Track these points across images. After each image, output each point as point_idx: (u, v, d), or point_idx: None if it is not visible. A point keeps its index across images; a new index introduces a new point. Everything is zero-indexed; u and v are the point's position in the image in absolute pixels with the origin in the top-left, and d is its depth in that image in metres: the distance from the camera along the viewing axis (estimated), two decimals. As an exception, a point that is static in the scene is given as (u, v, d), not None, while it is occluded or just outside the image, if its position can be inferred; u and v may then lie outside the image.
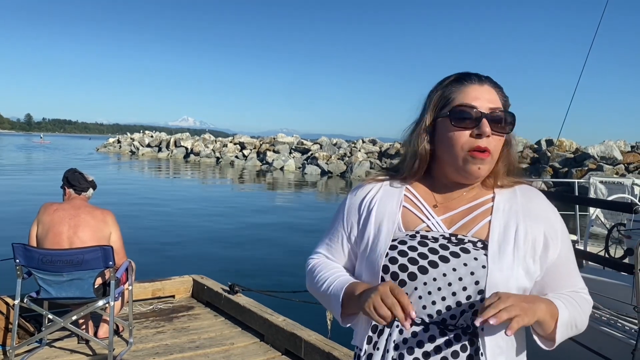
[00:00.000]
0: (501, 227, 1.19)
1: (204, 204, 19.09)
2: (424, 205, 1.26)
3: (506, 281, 1.13)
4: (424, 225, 1.23)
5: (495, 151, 1.20)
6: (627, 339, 3.42)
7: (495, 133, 1.19)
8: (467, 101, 1.19)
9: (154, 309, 4.68)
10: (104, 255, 3.45)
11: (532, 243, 1.18)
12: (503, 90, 1.25)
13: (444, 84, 1.25)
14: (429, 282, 1.15)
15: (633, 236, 4.64)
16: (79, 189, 3.87)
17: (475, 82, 1.21)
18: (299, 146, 43.42)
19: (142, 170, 37.13)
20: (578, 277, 1.26)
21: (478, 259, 1.15)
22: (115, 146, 62.67)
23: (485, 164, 1.19)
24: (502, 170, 1.25)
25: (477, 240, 1.19)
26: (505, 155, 1.25)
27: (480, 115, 1.18)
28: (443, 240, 1.19)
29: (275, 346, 3.87)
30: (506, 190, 1.26)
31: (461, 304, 1.14)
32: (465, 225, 1.22)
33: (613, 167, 26.29)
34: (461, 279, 1.14)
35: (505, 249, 1.16)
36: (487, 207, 1.23)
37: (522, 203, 1.23)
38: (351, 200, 1.34)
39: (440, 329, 1.15)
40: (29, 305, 3.53)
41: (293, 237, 12.68)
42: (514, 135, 1.27)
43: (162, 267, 8.19)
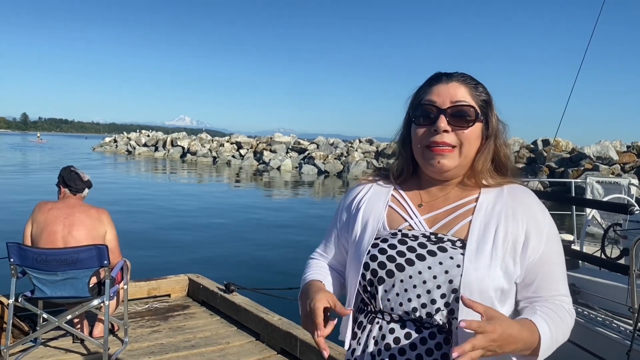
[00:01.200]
0: (481, 226, 1.19)
1: (200, 203, 19.07)
2: (409, 205, 1.29)
3: (480, 281, 1.13)
4: (407, 224, 1.26)
5: (462, 146, 1.21)
6: (623, 339, 3.43)
7: (457, 127, 1.20)
8: (429, 98, 1.23)
9: (149, 308, 4.67)
10: (98, 254, 3.43)
11: (513, 243, 1.17)
12: (478, 86, 1.25)
13: (418, 87, 1.29)
14: (405, 280, 1.17)
15: (629, 236, 4.65)
16: (74, 189, 3.86)
17: (443, 81, 1.24)
18: (296, 146, 43.39)
19: (138, 169, 37.04)
20: (562, 283, 1.22)
21: (454, 257, 1.16)
22: (112, 145, 62.50)
23: (445, 159, 1.20)
24: (483, 167, 1.25)
25: (456, 239, 1.19)
26: (485, 152, 1.25)
27: (437, 112, 1.20)
28: (422, 239, 1.21)
29: (271, 345, 3.87)
30: (493, 190, 1.25)
31: (435, 302, 1.15)
32: (446, 224, 1.23)
33: (609, 167, 26.38)
34: (435, 277, 1.15)
35: (483, 249, 1.16)
36: (470, 207, 1.24)
37: (507, 202, 1.22)
38: (344, 201, 1.40)
39: (417, 326, 1.17)
40: (24, 305, 3.51)
41: (289, 237, 12.67)
42: (501, 130, 1.27)
43: (157, 266, 8.17)
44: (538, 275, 1.19)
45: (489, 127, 1.25)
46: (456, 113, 1.20)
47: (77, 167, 3.99)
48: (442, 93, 1.22)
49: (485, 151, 1.25)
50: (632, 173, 25.51)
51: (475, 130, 1.22)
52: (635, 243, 3.51)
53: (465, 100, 1.21)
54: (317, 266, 1.39)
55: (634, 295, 3.35)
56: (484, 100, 1.25)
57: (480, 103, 1.24)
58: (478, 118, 1.22)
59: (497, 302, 1.16)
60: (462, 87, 1.23)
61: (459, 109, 1.20)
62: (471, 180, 1.27)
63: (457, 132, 1.20)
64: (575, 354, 3.88)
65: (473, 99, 1.23)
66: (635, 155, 27.87)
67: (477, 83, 1.26)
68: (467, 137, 1.21)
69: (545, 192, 9.65)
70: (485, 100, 1.25)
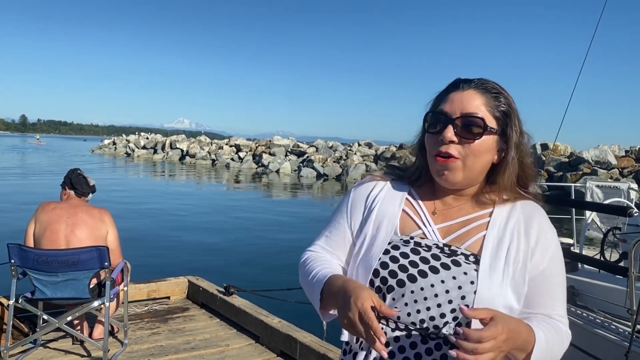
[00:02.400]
0: (494, 243, 1.18)
1: (199, 205, 19.06)
2: (423, 211, 1.26)
3: (493, 299, 1.12)
4: (420, 232, 1.23)
5: (467, 158, 1.17)
6: (621, 341, 3.44)
7: (464, 139, 1.16)
8: (442, 107, 1.20)
9: (149, 310, 4.67)
10: (99, 255, 3.44)
11: (523, 261, 1.16)
12: (500, 96, 1.20)
13: (439, 93, 1.26)
14: (416, 291, 1.15)
15: (628, 240, 4.67)
16: (80, 192, 3.91)
17: (460, 88, 1.21)
18: (295, 149, 43.42)
19: (137, 171, 37.03)
20: (561, 304, 1.20)
21: (468, 273, 1.14)
22: (111, 148, 62.50)
23: (450, 170, 1.18)
24: (508, 182, 1.21)
25: (469, 253, 1.18)
26: (507, 166, 1.20)
27: (445, 121, 1.18)
28: (436, 250, 1.19)
29: (270, 348, 3.87)
30: (507, 206, 1.23)
31: (445, 316, 1.14)
32: (460, 237, 1.21)
33: (607, 172, 26.41)
34: (448, 291, 1.13)
35: (495, 266, 1.15)
36: (484, 222, 1.22)
37: (519, 219, 1.21)
38: (355, 194, 1.33)
39: (423, 337, 1.15)
40: (24, 306, 3.51)
41: (289, 239, 12.67)
42: (523, 142, 1.21)
43: (157, 268, 8.17)
44: (536, 291, 1.17)
45: (508, 140, 1.20)
46: (464, 124, 1.17)
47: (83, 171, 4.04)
48: (455, 102, 1.19)
49: (509, 166, 1.20)
50: (631, 177, 25.54)
51: (485, 143, 1.18)
52: (634, 245, 3.52)
53: (478, 111, 1.17)
54: (328, 261, 1.29)
55: (632, 297, 3.36)
56: (503, 111, 1.19)
57: (498, 114, 1.19)
58: (487, 130, 1.17)
59: None
60: (478, 96, 1.19)
61: (467, 120, 1.17)
62: (489, 196, 1.24)
63: (464, 144, 1.17)
64: (574, 355, 3.89)
65: (489, 109, 1.18)
66: (633, 159, 27.93)
67: (499, 92, 1.20)
68: (473, 150, 1.17)
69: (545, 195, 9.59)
70: (505, 112, 1.19)
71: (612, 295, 3.99)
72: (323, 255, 1.31)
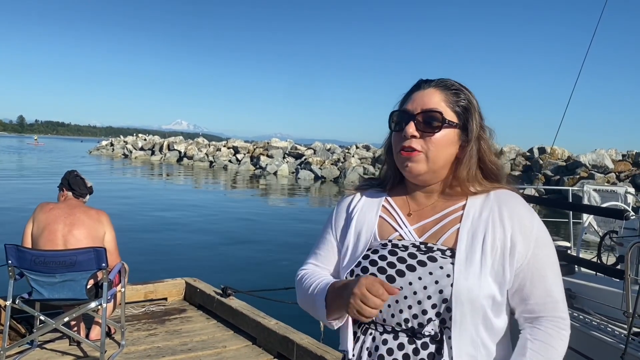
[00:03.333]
0: (469, 235, 1.19)
1: (196, 207, 19.04)
2: (399, 214, 1.30)
3: (471, 290, 1.13)
4: (397, 234, 1.27)
5: (429, 150, 1.22)
6: (617, 343, 3.45)
7: (425, 132, 1.22)
8: (404, 107, 1.27)
9: (146, 312, 4.66)
10: (97, 256, 3.44)
11: (502, 249, 1.17)
12: (460, 92, 1.26)
13: (404, 95, 1.31)
14: None
15: (625, 243, 4.68)
16: (77, 193, 3.91)
17: (421, 87, 1.27)
18: (293, 151, 43.43)
19: (135, 173, 36.99)
20: (555, 287, 1.20)
21: (443, 267, 1.16)
22: (108, 149, 62.42)
23: (413, 162, 1.23)
24: (468, 174, 1.25)
25: (445, 248, 1.20)
26: (467, 158, 1.24)
27: (407, 118, 1.24)
28: (412, 249, 1.22)
29: (267, 349, 3.87)
30: (480, 197, 1.25)
31: (427, 312, 1.16)
32: (434, 233, 1.24)
33: (604, 176, 26.48)
34: (426, 287, 1.15)
35: (472, 258, 1.16)
36: (457, 215, 1.24)
37: (493, 208, 1.22)
38: (337, 209, 1.40)
39: (409, 337, 1.17)
40: (21, 307, 3.50)
41: (286, 241, 12.67)
42: (485, 136, 1.27)
43: (154, 269, 8.15)
44: (528, 281, 1.18)
45: (469, 133, 1.24)
46: (425, 119, 1.22)
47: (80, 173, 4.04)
48: (416, 100, 1.25)
49: (467, 158, 1.24)
50: (628, 182, 25.62)
51: (446, 136, 1.23)
52: (630, 248, 3.53)
53: (437, 106, 1.23)
54: (324, 275, 1.34)
55: (629, 300, 3.37)
56: (463, 106, 1.25)
57: (458, 109, 1.24)
58: (445, 123, 1.22)
59: (490, 311, 1.16)
60: (437, 93, 1.25)
61: (427, 115, 1.22)
62: (456, 189, 1.27)
63: (425, 138, 1.22)
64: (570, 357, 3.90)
65: (449, 104, 1.24)
66: (630, 164, 28.00)
67: (459, 89, 1.26)
68: (434, 143, 1.21)
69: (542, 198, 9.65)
70: (465, 107, 1.25)
71: (609, 298, 4.01)
72: (318, 270, 1.36)
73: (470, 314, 1.14)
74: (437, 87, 1.26)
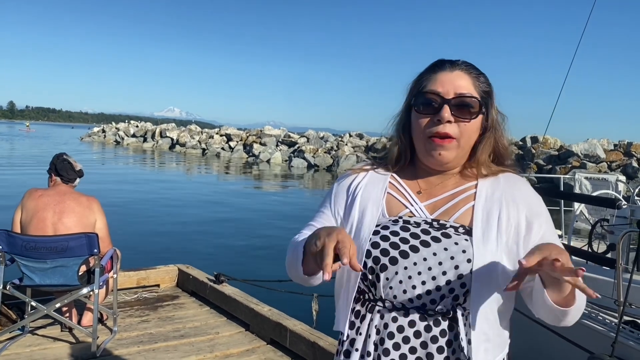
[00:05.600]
0: (484, 213, 1.20)
1: (189, 194, 18.99)
2: (408, 192, 1.28)
3: (488, 266, 1.13)
4: (407, 210, 1.25)
5: (462, 137, 1.20)
6: (608, 331, 3.48)
7: (460, 119, 1.19)
8: (433, 88, 1.21)
9: (138, 298, 4.65)
10: (88, 242, 3.41)
11: (516, 228, 1.18)
12: (480, 76, 1.25)
13: (420, 73, 1.27)
14: (409, 266, 1.16)
15: (616, 232, 4.71)
16: (66, 179, 3.81)
17: (447, 68, 1.23)
18: (286, 139, 43.30)
19: (127, 160, 36.79)
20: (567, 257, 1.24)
21: (459, 243, 1.16)
22: (100, 136, 61.98)
23: (446, 150, 1.20)
24: (484, 158, 1.26)
25: (458, 225, 1.20)
26: (487, 143, 1.25)
27: (441, 101, 1.19)
28: (425, 225, 1.20)
29: (260, 336, 3.87)
30: (490, 178, 1.26)
31: (440, 288, 1.14)
32: (447, 210, 1.23)
33: (596, 165, 26.64)
34: (441, 263, 1.14)
35: (488, 235, 1.17)
36: (470, 194, 1.24)
37: (504, 189, 1.24)
38: (338, 187, 1.36)
39: (420, 314, 1.16)
40: (12, 293, 3.48)
41: (279, 228, 12.67)
42: (501, 122, 1.27)
43: (147, 256, 8.14)
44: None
45: (488, 118, 1.25)
46: (460, 104, 1.19)
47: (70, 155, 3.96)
48: (445, 82, 1.21)
49: (487, 143, 1.25)
50: (619, 171, 25.78)
51: (477, 123, 1.22)
52: (622, 237, 3.56)
53: (469, 91, 1.20)
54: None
55: (619, 288, 3.39)
56: (485, 91, 1.24)
57: (482, 94, 1.23)
58: (481, 111, 1.21)
59: (503, 286, 1.14)
60: (465, 76, 1.22)
61: (463, 101, 1.19)
62: (470, 170, 1.27)
63: (460, 124, 1.20)
64: (561, 346, 3.93)
65: (475, 89, 1.22)
66: (622, 153, 28.17)
67: (480, 73, 1.25)
68: (467, 129, 1.20)
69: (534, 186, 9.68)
70: (486, 92, 1.24)
71: (600, 287, 4.03)
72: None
73: (487, 290, 1.14)
74: (463, 70, 1.23)
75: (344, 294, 1.24)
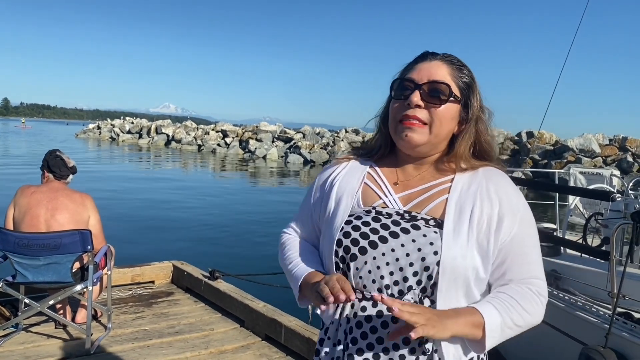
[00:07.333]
0: (457, 206, 1.20)
1: (185, 190, 18.95)
2: (385, 183, 1.30)
3: (457, 259, 1.14)
4: (381, 201, 1.27)
5: (433, 123, 1.22)
6: (602, 323, 3.50)
7: (430, 104, 1.21)
8: (409, 76, 1.25)
9: (133, 295, 4.64)
10: (82, 239, 3.40)
11: (488, 223, 1.18)
12: (463, 68, 1.27)
13: (406, 65, 1.30)
14: (377, 257, 1.18)
15: (610, 225, 4.73)
16: (58, 175, 3.78)
17: (427, 59, 1.26)
18: (282, 135, 43.25)
19: (122, 156, 36.68)
20: (535, 265, 1.22)
21: (427, 235, 1.17)
22: (95, 132, 61.73)
23: (413, 132, 1.22)
24: (463, 151, 1.26)
25: (430, 218, 1.21)
26: (466, 135, 1.26)
27: (413, 87, 1.22)
28: (396, 217, 1.22)
29: (255, 332, 3.87)
30: (469, 172, 1.26)
31: (408, 279, 1.16)
32: (420, 203, 1.24)
33: (591, 160, 26.73)
34: (408, 254, 1.16)
35: (460, 229, 1.17)
36: (445, 187, 1.25)
37: (481, 183, 1.23)
38: (319, 178, 1.40)
39: None
40: (5, 290, 3.46)
41: (274, 225, 12.66)
42: (484, 117, 1.28)
43: (141, 252, 8.12)
44: (509, 257, 1.19)
45: (470, 110, 1.25)
46: (431, 90, 1.22)
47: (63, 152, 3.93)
48: (422, 70, 1.24)
49: (467, 135, 1.26)
50: (614, 166, 25.88)
51: (450, 110, 1.23)
52: (615, 230, 3.57)
53: (444, 79, 1.23)
54: (300, 248, 1.38)
55: (613, 280, 3.41)
56: (466, 82, 1.26)
57: (462, 85, 1.25)
58: (452, 97, 1.22)
59: (473, 283, 1.17)
60: (444, 66, 1.25)
61: (434, 86, 1.22)
62: (449, 164, 1.28)
63: (430, 109, 1.22)
64: (555, 337, 3.95)
65: (454, 79, 1.24)
66: (617, 148, 28.27)
67: (463, 65, 1.27)
68: (438, 115, 1.22)
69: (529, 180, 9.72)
70: (467, 83, 1.26)
71: (594, 279, 4.05)
72: (297, 239, 1.42)
73: (455, 284, 1.15)
74: (443, 60, 1.26)
75: None
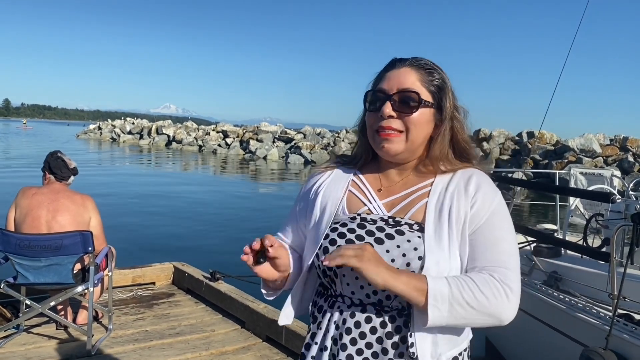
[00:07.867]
0: (437, 209, 1.21)
1: (185, 191, 18.95)
2: (369, 189, 1.32)
3: (437, 263, 1.15)
4: (366, 208, 1.28)
5: (409, 131, 1.23)
6: (602, 325, 3.49)
7: (402, 113, 1.23)
8: (380, 86, 1.27)
9: (134, 296, 4.65)
10: (83, 240, 3.40)
11: (464, 219, 1.19)
12: (433, 71, 1.27)
13: (377, 74, 1.32)
14: None
15: (610, 226, 4.72)
16: (59, 177, 3.79)
17: (396, 66, 1.27)
18: (283, 135, 43.25)
19: (123, 157, 36.69)
20: (505, 255, 1.16)
21: (411, 240, 1.18)
22: (96, 133, 61.74)
23: (390, 143, 1.24)
24: (440, 153, 1.27)
25: (413, 222, 1.22)
26: (440, 137, 1.26)
27: (384, 97, 1.24)
28: (381, 223, 1.23)
29: (256, 333, 3.88)
30: (448, 174, 1.27)
31: None
32: (403, 208, 1.26)
33: (592, 160, 26.69)
34: (393, 260, 1.17)
35: (440, 232, 1.18)
36: (426, 191, 1.26)
37: (459, 183, 1.24)
38: (304, 187, 1.42)
39: (377, 310, 1.19)
40: (6, 291, 3.47)
41: (274, 226, 12.64)
42: (459, 116, 1.28)
43: (142, 253, 8.13)
44: (478, 246, 1.17)
45: (443, 112, 1.26)
46: (401, 99, 1.23)
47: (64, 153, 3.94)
48: (391, 79, 1.25)
49: (440, 137, 1.27)
50: (615, 166, 25.85)
51: (423, 115, 1.24)
52: (616, 231, 3.57)
53: (413, 86, 1.24)
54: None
55: (614, 282, 3.41)
56: (437, 85, 1.26)
57: (432, 89, 1.26)
58: (422, 103, 1.23)
59: None
60: (413, 72, 1.25)
61: (403, 95, 1.23)
62: (428, 167, 1.29)
63: (403, 118, 1.23)
64: (555, 339, 3.95)
65: (423, 84, 1.25)
66: (617, 148, 28.23)
67: (432, 68, 1.27)
68: (412, 122, 1.23)
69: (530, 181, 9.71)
70: (438, 86, 1.26)
71: (594, 280, 4.05)
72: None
73: None
74: (411, 66, 1.26)
75: (307, 287, 1.34)
